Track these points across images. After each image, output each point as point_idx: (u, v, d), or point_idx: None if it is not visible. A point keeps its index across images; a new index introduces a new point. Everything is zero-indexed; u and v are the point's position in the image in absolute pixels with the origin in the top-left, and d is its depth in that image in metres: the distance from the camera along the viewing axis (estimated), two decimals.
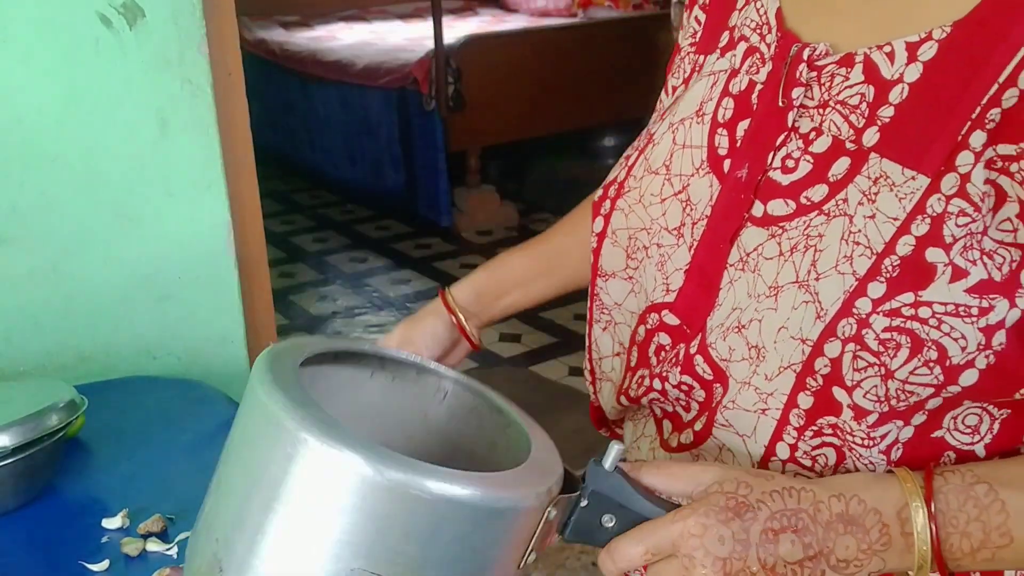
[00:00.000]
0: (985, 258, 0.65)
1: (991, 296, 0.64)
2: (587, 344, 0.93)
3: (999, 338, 0.64)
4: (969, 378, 0.66)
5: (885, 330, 0.66)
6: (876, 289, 0.66)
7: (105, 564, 1.10)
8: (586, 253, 0.91)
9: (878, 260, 0.66)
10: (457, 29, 5.05)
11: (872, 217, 0.67)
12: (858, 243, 0.67)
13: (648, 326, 0.82)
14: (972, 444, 0.71)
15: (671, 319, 0.80)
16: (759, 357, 0.72)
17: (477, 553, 0.64)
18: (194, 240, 1.66)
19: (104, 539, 1.15)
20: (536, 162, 5.21)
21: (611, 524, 0.68)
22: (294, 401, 0.63)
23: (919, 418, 0.69)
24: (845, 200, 0.69)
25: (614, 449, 0.68)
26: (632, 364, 0.85)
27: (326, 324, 3.93)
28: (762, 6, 0.80)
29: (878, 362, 0.66)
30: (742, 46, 0.80)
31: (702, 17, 0.87)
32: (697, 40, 0.87)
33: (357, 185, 5.20)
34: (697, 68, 0.86)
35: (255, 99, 1.83)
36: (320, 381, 0.76)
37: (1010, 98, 0.64)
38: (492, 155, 4.96)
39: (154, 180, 1.60)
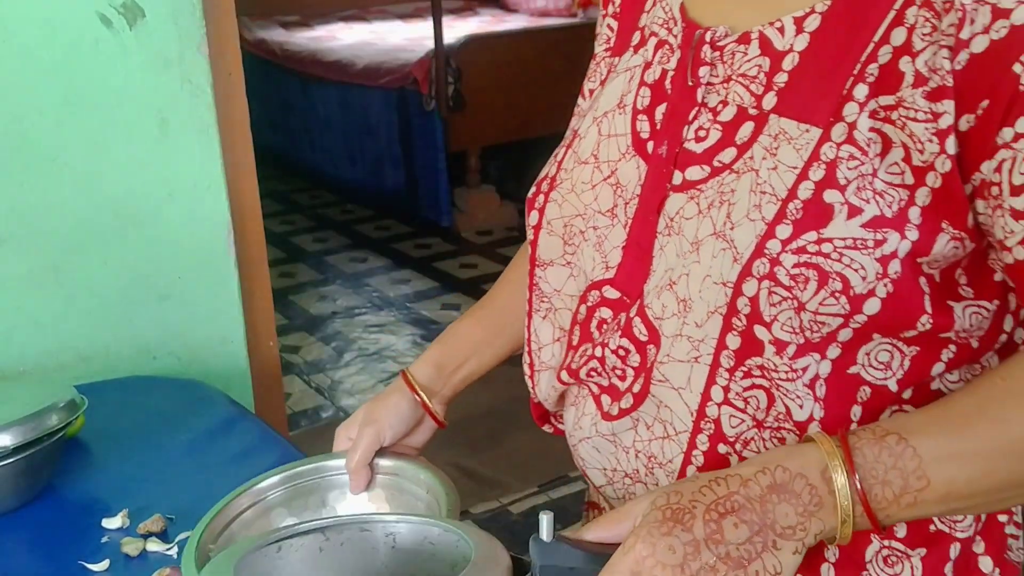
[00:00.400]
0: (877, 197, 0.72)
1: (884, 230, 0.72)
2: (527, 337, 0.98)
3: (894, 267, 0.72)
4: (872, 307, 0.73)
5: (794, 266, 0.73)
6: (783, 231, 0.74)
7: (105, 564, 1.10)
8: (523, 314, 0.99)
9: (783, 205, 0.74)
10: (457, 29, 5.05)
11: (775, 169, 0.75)
12: (764, 192, 0.75)
13: (589, 304, 0.89)
14: (885, 379, 0.77)
15: (612, 293, 0.87)
16: (686, 308, 0.79)
17: None
18: (194, 240, 1.66)
19: (104, 539, 1.15)
20: (536, 162, 5.19)
21: None
22: None
23: (834, 351, 0.76)
24: (751, 158, 0.77)
25: (544, 520, 0.72)
26: (574, 343, 0.91)
27: (326, 324, 3.93)
28: (668, 5, 0.89)
29: (790, 295, 0.73)
30: (652, 41, 0.89)
31: (614, 24, 0.96)
32: (611, 45, 0.96)
33: (357, 185, 5.20)
34: (612, 69, 0.93)
35: (255, 99, 1.83)
36: (267, 566, 0.78)
37: (885, 54, 0.73)
38: (492, 155, 4.96)
39: (154, 180, 1.61)
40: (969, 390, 0.74)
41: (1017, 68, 0.69)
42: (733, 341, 0.77)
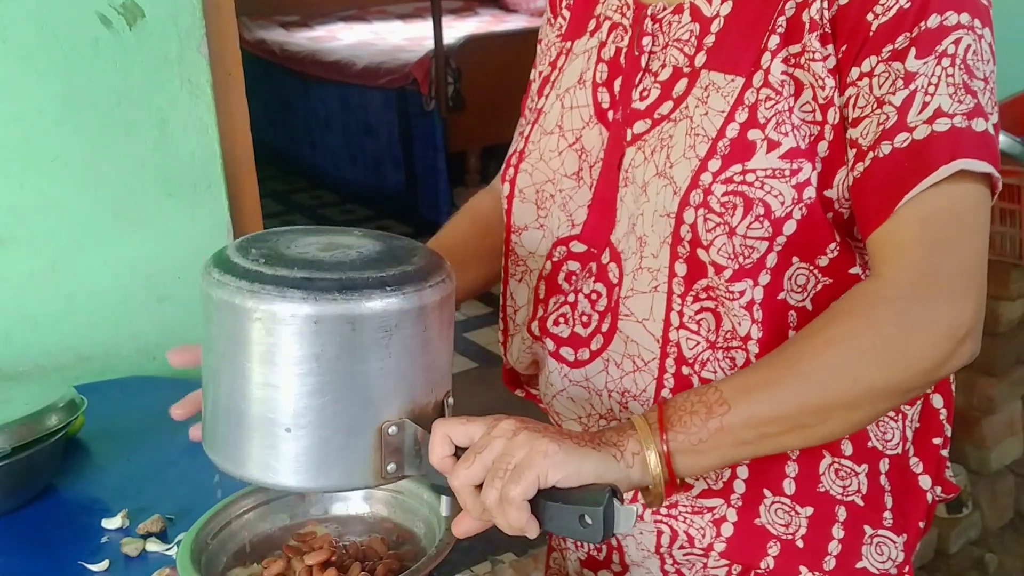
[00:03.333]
0: (794, 131, 0.84)
1: (799, 160, 0.84)
2: (502, 303, 1.05)
3: (808, 193, 0.84)
4: (789, 228, 0.85)
5: (724, 194, 0.85)
6: (714, 164, 0.85)
7: (105, 564, 1.10)
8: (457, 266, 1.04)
9: (713, 143, 0.86)
10: (457, 29, 5.05)
11: (706, 115, 0.87)
12: (698, 134, 0.87)
13: (555, 259, 0.98)
14: (803, 301, 0.88)
15: (578, 247, 0.97)
16: (642, 244, 0.90)
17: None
18: (194, 240, 1.66)
19: (104, 539, 1.15)
20: None
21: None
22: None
23: (764, 277, 0.86)
24: (686, 107, 0.89)
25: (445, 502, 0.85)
26: (542, 296, 0.99)
27: None
28: None
29: (722, 221, 0.85)
30: (607, 24, 0.99)
31: (567, 15, 1.06)
32: (563, 32, 1.06)
33: (357, 185, 5.20)
34: (565, 52, 1.04)
35: (255, 99, 1.83)
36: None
37: (790, 8, 0.85)
38: (492, 155, 4.96)
39: (154, 180, 1.61)
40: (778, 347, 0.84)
41: (869, 17, 0.82)
42: (681, 268, 0.88)
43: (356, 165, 5.11)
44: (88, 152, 1.55)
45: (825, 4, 0.84)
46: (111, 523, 1.17)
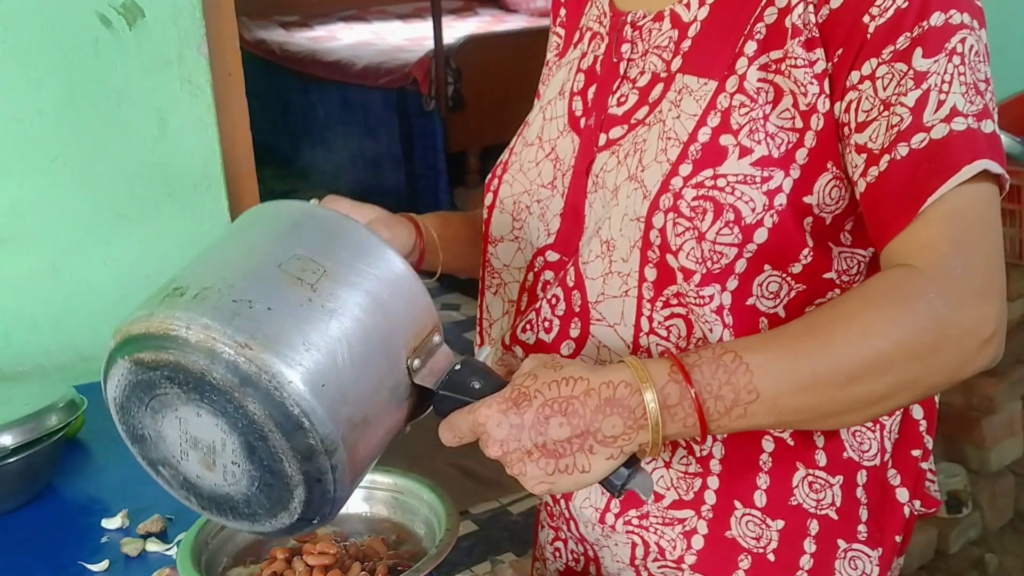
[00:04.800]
0: (768, 139, 0.83)
1: (770, 168, 0.83)
2: (478, 316, 1.05)
3: (779, 200, 0.83)
4: (760, 235, 0.83)
5: (694, 199, 0.83)
6: (685, 169, 0.84)
7: (105, 564, 1.10)
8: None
9: (685, 147, 0.85)
10: (457, 29, 5.04)
11: (678, 118, 0.86)
12: (670, 138, 0.86)
13: (535, 269, 0.98)
14: (775, 308, 0.87)
15: (552, 256, 0.97)
16: (609, 248, 0.89)
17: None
18: (194, 240, 1.66)
19: (104, 539, 1.15)
20: None
21: (478, 385, 0.79)
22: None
23: (732, 283, 0.85)
24: (660, 111, 0.88)
25: (486, 350, 0.83)
26: (522, 308, 0.99)
27: None
28: (600, 3, 0.99)
29: (692, 226, 0.83)
30: (587, 35, 1.00)
31: (561, 32, 1.07)
32: (559, 50, 1.07)
33: (357, 185, 5.20)
34: (558, 67, 1.04)
35: (255, 99, 1.83)
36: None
37: (771, 15, 0.84)
38: (492, 155, 4.95)
39: (154, 180, 1.61)
40: (805, 316, 0.81)
41: (866, 19, 0.80)
42: (651, 273, 0.87)
43: (356, 165, 5.11)
44: (88, 152, 1.55)
45: (811, 9, 0.82)
46: (111, 523, 1.17)
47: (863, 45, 0.80)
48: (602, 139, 0.93)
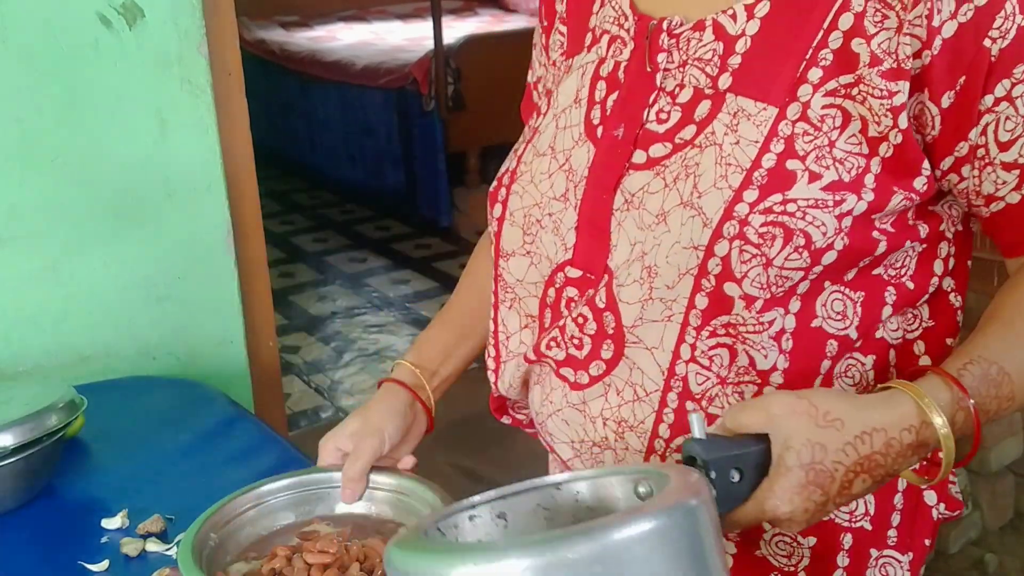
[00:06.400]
0: (837, 164, 0.80)
1: (842, 192, 0.80)
2: (492, 329, 1.02)
3: (847, 222, 0.81)
4: (829, 258, 0.81)
5: (762, 225, 0.80)
6: (750, 195, 0.80)
7: (105, 564, 1.10)
8: (488, 310, 1.05)
9: (748, 174, 0.81)
10: (457, 29, 5.04)
11: (737, 143, 0.82)
12: (729, 164, 0.82)
13: (556, 285, 0.94)
14: (845, 329, 0.85)
15: (573, 272, 0.92)
16: (652, 275, 0.85)
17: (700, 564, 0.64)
18: (194, 240, 1.66)
19: (104, 539, 1.15)
20: None
21: (738, 478, 0.73)
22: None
23: (795, 305, 0.83)
24: (713, 133, 0.83)
25: (695, 419, 0.74)
26: (547, 325, 0.95)
27: (326, 324, 3.93)
28: (617, 3, 0.94)
29: (759, 252, 0.80)
30: (605, 38, 0.94)
31: (564, 29, 1.01)
32: (564, 49, 1.01)
33: (357, 185, 5.20)
34: (567, 70, 0.98)
35: (255, 99, 1.83)
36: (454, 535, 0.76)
37: (835, 39, 0.80)
38: (492, 155, 4.96)
39: (154, 180, 1.61)
40: (1006, 313, 0.82)
41: (987, 43, 0.78)
42: (701, 301, 0.83)
43: (356, 165, 5.11)
44: (88, 152, 1.55)
45: (907, 42, 0.78)
46: (111, 523, 1.17)
47: (991, 69, 0.79)
48: (639, 156, 0.87)
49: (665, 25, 0.87)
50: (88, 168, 1.56)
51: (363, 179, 5.09)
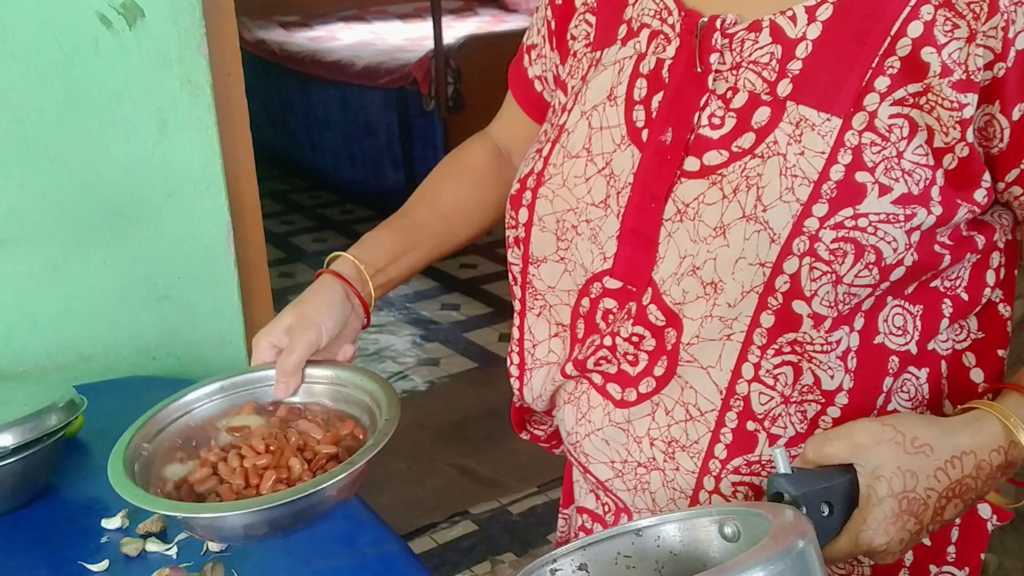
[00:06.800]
0: (906, 176, 0.77)
1: (912, 206, 0.77)
2: (518, 336, 0.99)
3: (915, 237, 0.78)
4: (897, 274, 0.79)
5: (833, 241, 0.77)
6: (820, 209, 0.77)
7: (105, 564, 1.10)
8: (444, 227, 1.09)
9: (816, 186, 0.77)
10: (457, 29, 5.05)
11: (802, 154, 0.78)
12: (795, 176, 0.78)
13: (592, 296, 0.90)
14: (906, 344, 0.83)
15: (613, 283, 0.88)
16: (716, 291, 0.81)
17: None
18: (194, 240, 1.66)
19: (104, 539, 1.15)
20: None
21: (828, 512, 0.72)
22: None
23: (859, 322, 0.81)
24: (775, 142, 0.79)
25: (779, 454, 0.72)
26: (580, 336, 0.92)
27: None
28: None
29: (830, 270, 0.77)
30: (645, 32, 0.88)
31: (592, 19, 0.96)
32: (591, 40, 0.95)
33: (357, 185, 5.20)
34: (594, 63, 0.93)
35: (255, 99, 1.83)
36: None
37: (903, 47, 0.77)
38: None
39: (154, 180, 1.60)
40: None
41: None
42: (767, 319, 0.80)
43: (356, 165, 5.11)
44: (88, 152, 1.55)
45: (980, 53, 0.76)
46: (111, 523, 1.16)
47: None
48: (691, 163, 0.83)
49: (718, 24, 0.83)
50: (88, 168, 1.56)
51: (363, 179, 5.10)
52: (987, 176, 0.80)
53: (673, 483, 0.88)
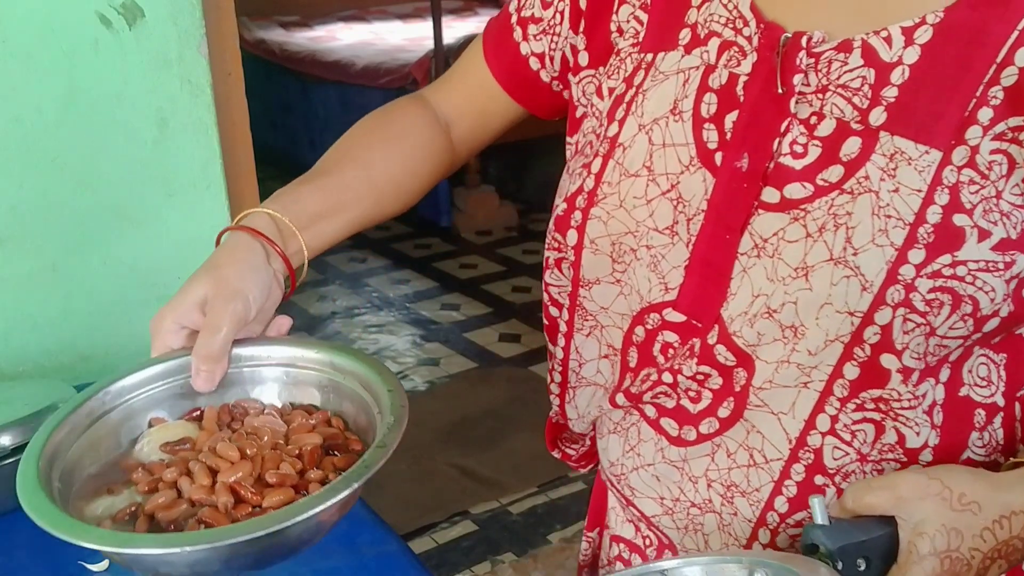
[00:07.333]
0: (1004, 219, 0.71)
1: (1011, 252, 0.71)
2: (561, 356, 0.91)
3: (1013, 285, 0.72)
4: (991, 325, 0.73)
5: (930, 291, 0.71)
6: (916, 255, 0.71)
7: (105, 564, 1.10)
8: (373, 196, 0.95)
9: (912, 229, 0.71)
10: (457, 29, 5.05)
11: (896, 191, 0.71)
12: (889, 216, 0.71)
13: (648, 327, 0.83)
14: (992, 396, 0.77)
15: (675, 316, 0.81)
16: (796, 335, 0.75)
17: None
18: (194, 240, 1.66)
19: None
20: (536, 162, 5.21)
21: (864, 567, 0.69)
22: None
23: (945, 374, 0.75)
24: (867, 177, 0.72)
25: (817, 503, 0.70)
26: (632, 365, 0.85)
27: (325, 324, 3.93)
28: (729, 2, 0.81)
29: (924, 322, 0.71)
30: (714, 42, 0.80)
31: (643, 16, 0.86)
32: (640, 39, 0.86)
33: None
34: (645, 66, 0.84)
35: (255, 99, 1.83)
36: None
37: (1009, 76, 0.70)
38: (492, 155, 4.96)
39: (154, 180, 1.60)
40: None
41: None
42: (851, 371, 0.74)
43: None
44: (88, 152, 1.55)
45: None
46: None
47: None
48: (771, 195, 0.75)
49: (804, 41, 0.75)
50: (88, 168, 1.56)
51: None
52: None
53: (729, 527, 0.83)
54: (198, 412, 0.83)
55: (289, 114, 5.48)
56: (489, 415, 3.10)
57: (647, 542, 0.95)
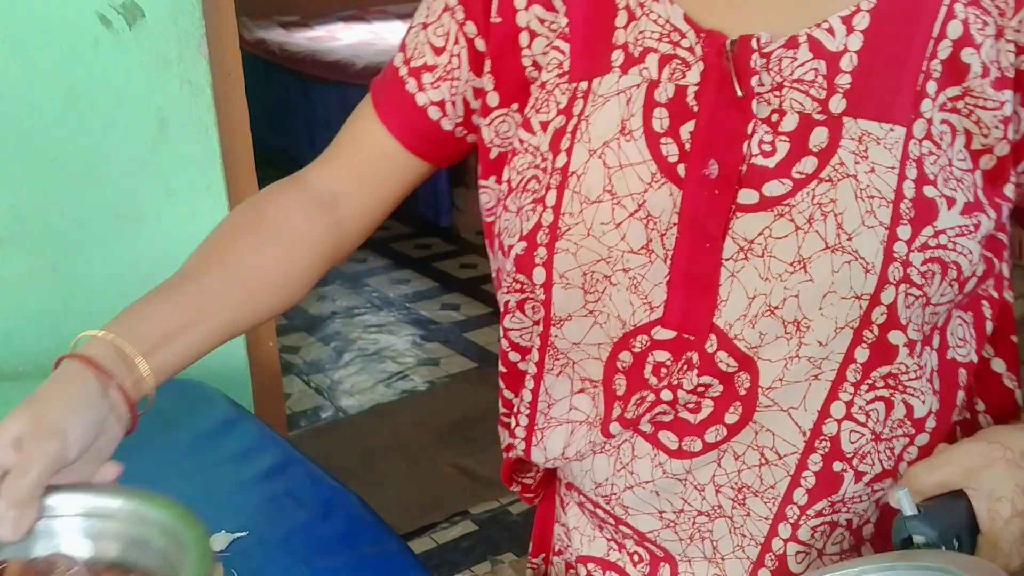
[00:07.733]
0: (959, 184, 0.75)
1: (975, 214, 0.75)
2: (529, 399, 0.90)
3: (983, 245, 0.76)
4: (970, 287, 0.77)
5: (923, 263, 0.74)
6: (904, 231, 0.73)
7: None
8: (240, 299, 0.89)
9: (895, 206, 0.73)
10: None
11: (872, 172, 0.73)
12: (872, 196, 0.73)
13: (636, 350, 0.81)
14: (968, 355, 0.81)
15: (664, 334, 0.80)
16: (799, 330, 0.75)
17: None
18: (194, 240, 1.64)
19: None
20: None
21: (957, 546, 0.69)
22: None
23: (936, 340, 0.79)
24: (842, 163, 0.74)
25: (904, 496, 0.69)
26: (620, 393, 0.83)
27: (326, 324, 3.93)
28: (660, 17, 0.80)
29: (921, 293, 0.74)
30: (652, 58, 0.80)
31: (564, 46, 0.84)
32: (567, 69, 0.84)
33: None
34: (582, 95, 0.82)
35: (255, 99, 1.83)
36: None
37: (944, 49, 0.75)
38: None
39: (154, 180, 1.61)
40: None
41: None
42: (862, 354, 0.75)
43: None
44: (88, 152, 1.55)
45: (1010, 48, 0.75)
46: None
47: None
48: (749, 196, 0.76)
49: (754, 43, 0.76)
50: (88, 168, 1.56)
51: None
52: (1013, 170, 0.79)
53: (742, 529, 0.83)
54: (2, 565, 0.72)
55: (289, 114, 5.48)
56: (489, 415, 3.09)
57: (635, 558, 0.92)
